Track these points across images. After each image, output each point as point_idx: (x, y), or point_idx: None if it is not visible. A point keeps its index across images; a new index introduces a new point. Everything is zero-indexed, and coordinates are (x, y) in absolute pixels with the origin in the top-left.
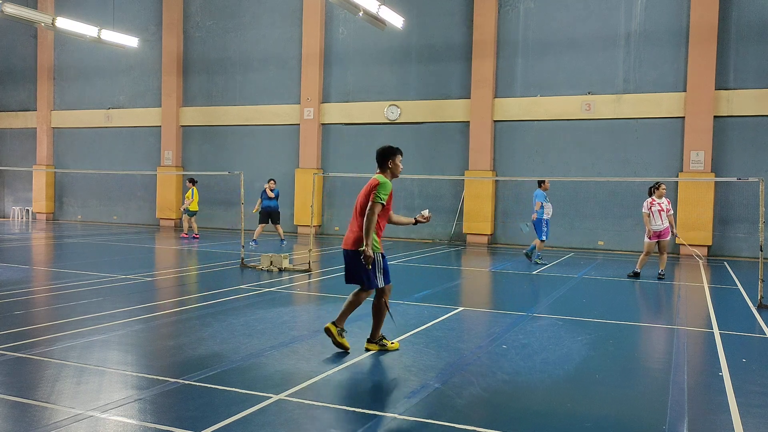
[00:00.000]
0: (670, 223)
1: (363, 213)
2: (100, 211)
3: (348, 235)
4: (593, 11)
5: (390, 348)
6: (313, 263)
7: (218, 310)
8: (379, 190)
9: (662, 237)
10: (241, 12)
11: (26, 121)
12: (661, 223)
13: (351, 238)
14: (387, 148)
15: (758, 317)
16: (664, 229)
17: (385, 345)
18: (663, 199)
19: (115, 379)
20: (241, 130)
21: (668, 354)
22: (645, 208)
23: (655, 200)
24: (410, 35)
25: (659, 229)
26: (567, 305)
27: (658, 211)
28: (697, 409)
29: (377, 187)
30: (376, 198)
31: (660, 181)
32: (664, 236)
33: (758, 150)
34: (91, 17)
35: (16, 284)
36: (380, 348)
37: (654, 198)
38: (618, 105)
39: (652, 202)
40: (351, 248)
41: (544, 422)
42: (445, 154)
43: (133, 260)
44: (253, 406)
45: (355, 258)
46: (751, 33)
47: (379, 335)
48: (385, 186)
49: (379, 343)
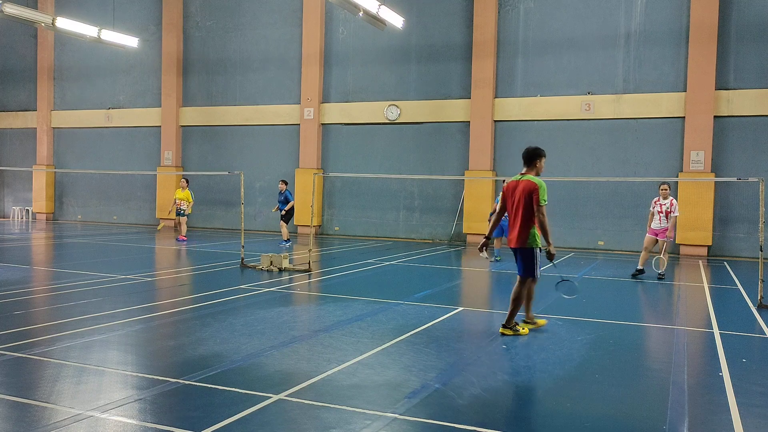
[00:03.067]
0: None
1: (524, 214)
2: (100, 211)
3: (512, 234)
4: (593, 11)
5: (527, 329)
6: (313, 263)
7: (218, 310)
8: (541, 194)
9: (659, 236)
10: (241, 12)
11: (26, 121)
12: (659, 223)
13: (514, 237)
14: (536, 148)
15: (758, 317)
16: (661, 229)
17: (518, 330)
18: (667, 200)
19: (115, 379)
20: (241, 130)
21: (668, 354)
22: (651, 206)
23: (659, 200)
24: (410, 35)
25: (656, 228)
26: (567, 305)
27: (658, 211)
28: (697, 409)
29: (539, 191)
30: (542, 201)
31: (663, 182)
32: (660, 235)
33: (758, 150)
34: (91, 17)
35: (16, 284)
36: (513, 333)
37: (658, 198)
38: (618, 105)
39: (656, 202)
40: (516, 246)
41: (544, 422)
42: (445, 154)
43: (133, 260)
44: (253, 406)
45: (518, 253)
46: (751, 33)
47: (513, 321)
48: (544, 188)
49: (513, 329)
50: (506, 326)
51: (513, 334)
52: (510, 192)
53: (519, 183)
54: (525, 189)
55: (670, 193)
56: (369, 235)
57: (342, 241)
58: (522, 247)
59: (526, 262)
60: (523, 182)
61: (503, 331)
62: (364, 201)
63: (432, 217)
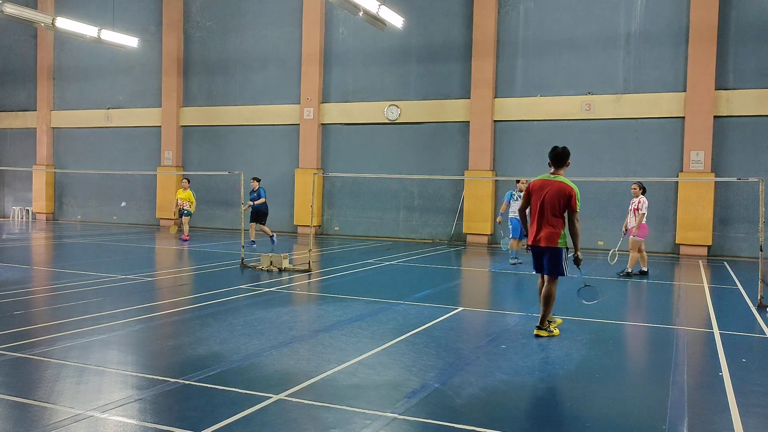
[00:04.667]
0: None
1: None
2: (100, 211)
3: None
4: (593, 11)
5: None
6: (313, 263)
7: (218, 310)
8: (577, 200)
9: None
10: (241, 12)
11: (26, 121)
12: (629, 221)
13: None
14: (564, 148)
15: (758, 317)
16: (631, 227)
17: (551, 331)
18: (636, 198)
19: (115, 379)
20: (241, 130)
21: (668, 354)
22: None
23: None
24: (410, 35)
25: (629, 226)
26: (567, 305)
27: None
28: (697, 409)
29: (576, 198)
30: (578, 208)
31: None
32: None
33: (758, 150)
34: (91, 17)
35: (16, 284)
36: (548, 334)
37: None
38: (618, 105)
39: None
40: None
41: (544, 422)
42: (445, 154)
43: (133, 260)
44: (253, 406)
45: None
46: (751, 33)
47: (546, 322)
48: (579, 194)
49: (547, 329)
50: (540, 327)
51: (548, 335)
52: (536, 190)
53: (549, 183)
54: (559, 191)
55: (642, 192)
56: (369, 235)
57: (342, 241)
58: (552, 247)
59: (556, 261)
60: (556, 184)
61: (538, 332)
62: (364, 201)
63: (432, 217)
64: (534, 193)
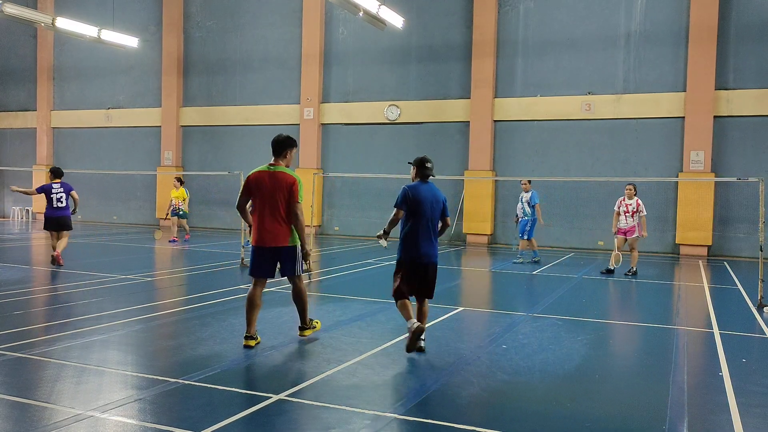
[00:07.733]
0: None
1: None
2: (100, 211)
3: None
4: (593, 11)
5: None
6: (312, 263)
7: (218, 310)
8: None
9: (627, 234)
10: (241, 12)
11: (26, 121)
12: (626, 222)
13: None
14: (288, 137)
15: (758, 317)
16: (628, 228)
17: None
18: (632, 200)
19: (115, 379)
20: (241, 130)
21: (668, 354)
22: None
23: (624, 200)
24: (410, 35)
25: (623, 227)
26: (567, 305)
27: (624, 211)
28: (697, 409)
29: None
30: (301, 199)
31: (629, 182)
32: (629, 234)
33: (758, 150)
34: (91, 17)
35: (16, 284)
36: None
37: (624, 198)
38: (618, 105)
39: (621, 202)
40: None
41: (544, 422)
42: (445, 154)
43: (133, 260)
44: (253, 406)
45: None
46: (751, 33)
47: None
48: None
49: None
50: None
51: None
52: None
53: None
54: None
55: (635, 194)
56: (369, 235)
57: (342, 241)
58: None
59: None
60: (278, 175)
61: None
62: (364, 201)
63: None
64: (253, 188)
